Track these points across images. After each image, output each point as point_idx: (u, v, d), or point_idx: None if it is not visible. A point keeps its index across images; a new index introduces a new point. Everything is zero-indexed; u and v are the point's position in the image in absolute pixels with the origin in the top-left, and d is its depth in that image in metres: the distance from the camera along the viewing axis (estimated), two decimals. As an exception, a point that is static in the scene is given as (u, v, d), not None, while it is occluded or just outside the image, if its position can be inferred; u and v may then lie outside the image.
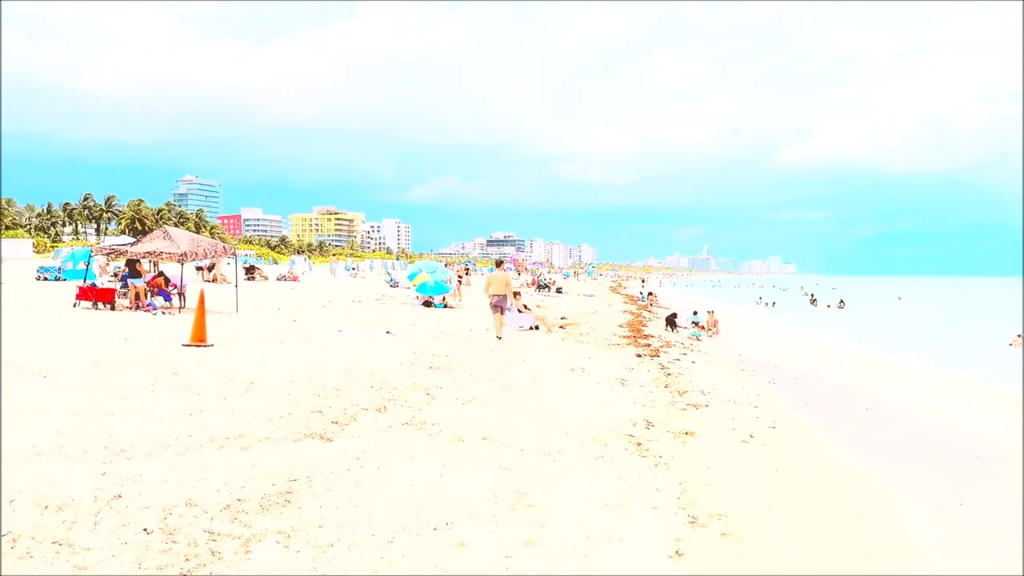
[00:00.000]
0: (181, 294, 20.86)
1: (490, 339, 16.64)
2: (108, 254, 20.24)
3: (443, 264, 54.04)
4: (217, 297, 23.47)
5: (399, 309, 25.80)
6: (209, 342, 12.47)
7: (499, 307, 16.49)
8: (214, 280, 36.22)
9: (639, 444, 7.71)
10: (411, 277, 35.94)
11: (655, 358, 15.84)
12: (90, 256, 22.43)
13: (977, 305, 65.45)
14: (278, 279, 43.87)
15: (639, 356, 15.81)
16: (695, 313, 29.27)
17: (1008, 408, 13.30)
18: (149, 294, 19.83)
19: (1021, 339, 25.00)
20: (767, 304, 51.96)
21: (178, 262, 19.00)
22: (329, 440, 6.85)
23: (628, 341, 19.15)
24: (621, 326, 24.72)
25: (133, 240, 20.04)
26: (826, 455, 8.27)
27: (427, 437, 7.31)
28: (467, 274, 63.10)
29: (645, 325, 25.91)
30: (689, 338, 23.37)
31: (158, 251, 18.88)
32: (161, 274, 21.17)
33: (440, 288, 28.96)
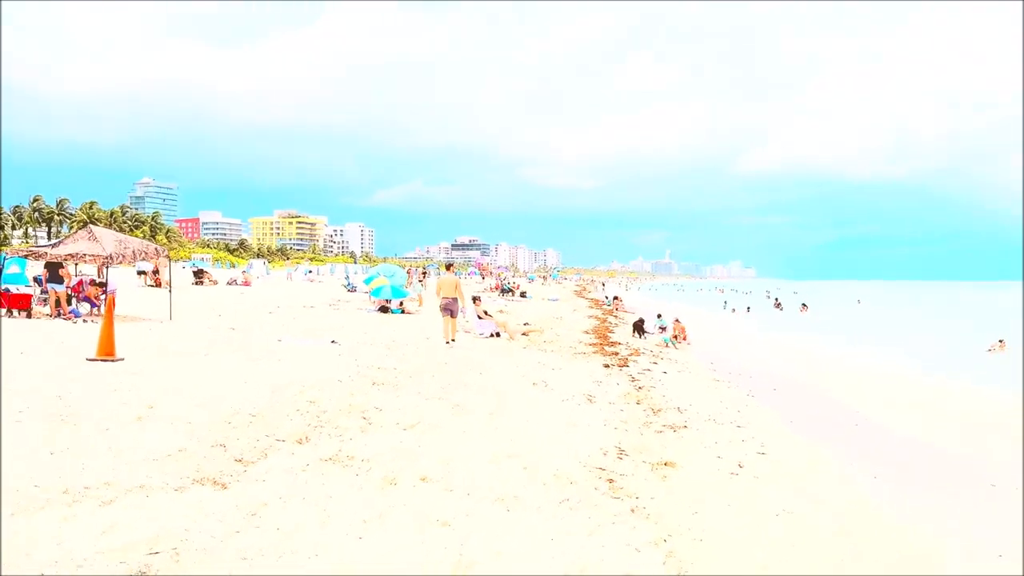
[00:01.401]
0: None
1: (445, 350, 15.27)
2: (26, 256, 18.43)
3: (404, 268, 52.58)
4: (155, 303, 21.74)
5: (352, 315, 24.27)
6: (119, 356, 10.90)
7: (449, 310, 16.23)
8: (158, 284, 34.22)
9: (611, 481, 6.42)
10: (367, 281, 34.49)
11: (624, 368, 14.62)
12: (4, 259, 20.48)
13: (937, 308, 65.82)
14: (228, 284, 41.91)
15: (607, 366, 14.58)
16: (659, 316, 28.20)
17: (1006, 424, 12.35)
18: (74, 300, 18.07)
19: (1002, 345, 24.42)
20: (734, 310, 51.36)
21: (103, 265, 17.26)
22: (223, 487, 5.43)
23: (595, 349, 17.92)
24: (587, 332, 23.52)
25: (54, 242, 18.20)
26: (832, 490, 7.06)
27: (352, 479, 5.92)
28: (425, 276, 61.39)
29: (612, 331, 24.75)
30: (659, 345, 22.27)
31: (81, 253, 17.14)
32: (93, 281, 19.39)
33: (397, 293, 27.51)
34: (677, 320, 24.06)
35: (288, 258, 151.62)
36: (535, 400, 10.14)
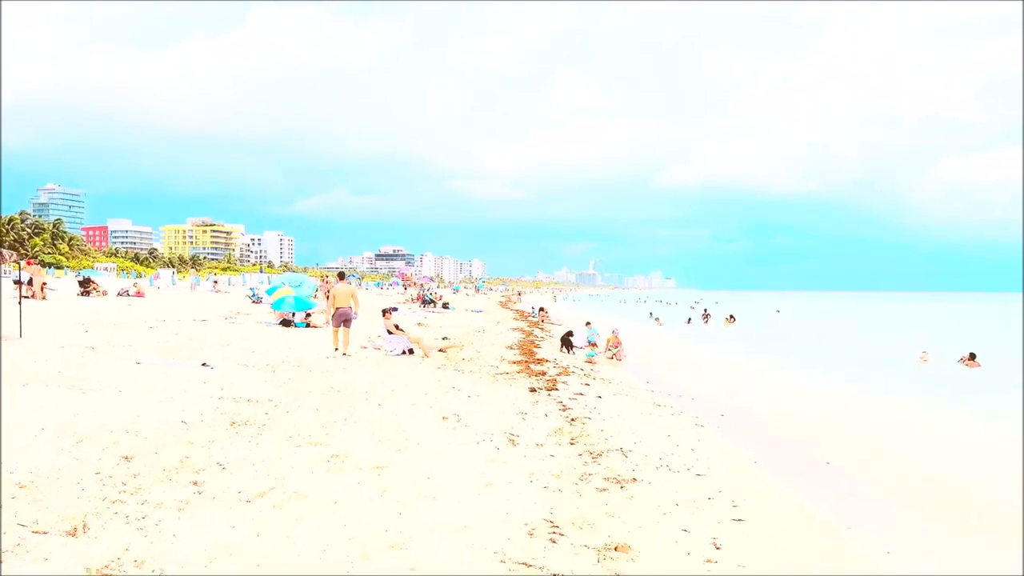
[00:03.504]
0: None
1: (341, 372, 12.92)
2: None
3: (323, 277, 49.38)
4: (14, 318, 18.42)
5: (248, 330, 21.51)
6: None
7: (344, 319, 15.93)
8: (32, 296, 30.39)
9: (542, 587, 4.30)
10: (270, 292, 31.41)
11: (553, 392, 12.57)
12: None
13: (856, 319, 66.80)
14: (119, 294, 38.04)
15: (533, 390, 12.48)
16: (589, 325, 26.38)
17: (981, 448, 10.88)
18: None
19: (925, 356, 23.67)
20: (658, 320, 50.32)
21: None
22: None
23: (519, 368, 15.82)
24: (511, 348, 21.43)
25: None
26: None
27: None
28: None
29: (538, 346, 22.74)
30: (587, 361, 20.38)
31: None
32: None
33: (301, 304, 24.79)
34: (615, 332, 22.22)
35: (199, 268, 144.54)
36: (443, 442, 7.93)
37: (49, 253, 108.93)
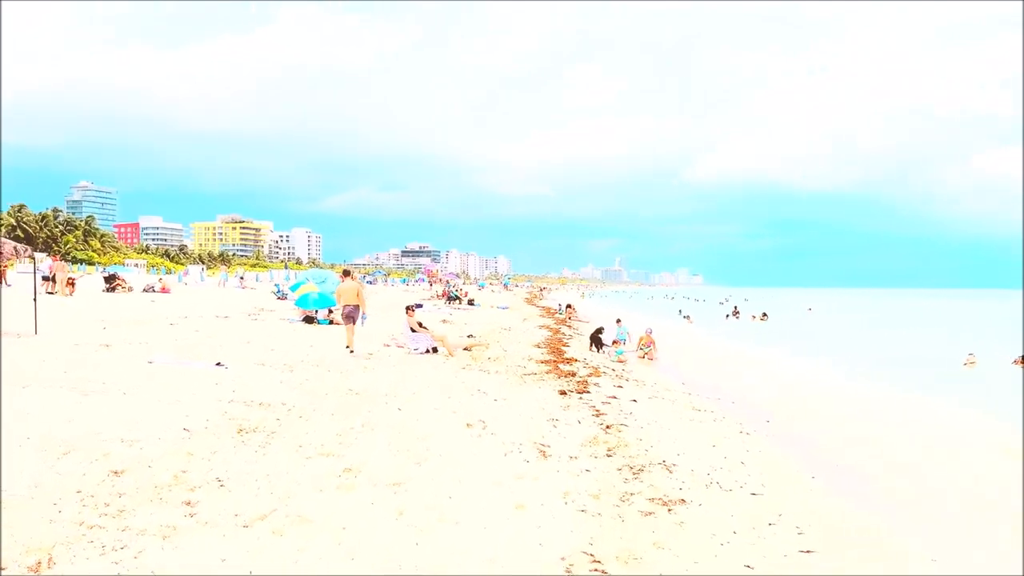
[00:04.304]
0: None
1: (361, 372, 12.27)
2: None
3: (340, 273, 49.02)
4: (33, 313, 18.01)
5: (271, 327, 21.00)
6: None
7: (350, 317, 15.77)
8: (54, 292, 30.23)
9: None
10: (294, 288, 31.07)
11: (583, 395, 11.80)
12: None
13: (887, 315, 65.05)
14: (144, 290, 37.91)
15: (563, 393, 11.72)
16: (619, 322, 25.55)
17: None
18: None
19: (974, 358, 22.50)
20: (687, 318, 49.18)
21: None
22: None
23: (548, 368, 15.06)
24: (538, 346, 20.67)
25: None
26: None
27: None
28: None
29: (566, 344, 21.94)
30: (618, 360, 19.58)
31: (-93, 252, 13.63)
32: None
33: (325, 301, 24.23)
34: (648, 331, 21.36)
35: (231, 264, 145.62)
36: (467, 453, 7.21)
37: (81, 250, 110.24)
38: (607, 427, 9.05)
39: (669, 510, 5.84)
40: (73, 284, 33.39)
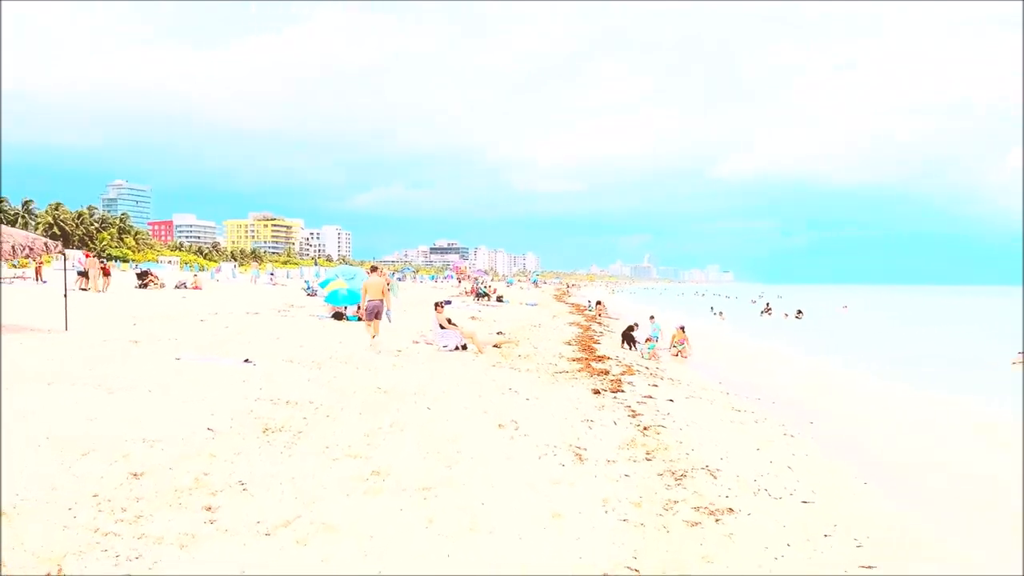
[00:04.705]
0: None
1: (389, 369, 12.03)
2: None
3: (368, 269, 48.94)
4: (70, 310, 18.03)
5: (300, 323, 20.91)
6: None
7: (375, 312, 15.64)
8: (85, 288, 30.52)
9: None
10: (323, 285, 31.01)
11: (618, 394, 11.43)
12: None
13: (926, 313, 63.53)
14: (176, 287, 38.23)
15: (597, 392, 11.36)
16: (652, 318, 25.09)
17: None
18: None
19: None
20: (721, 315, 48.36)
21: (-36, 262, 13.81)
22: None
23: (580, 367, 14.70)
24: (569, 343, 20.30)
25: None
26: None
27: None
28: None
29: (597, 342, 21.53)
30: (649, 356, 19.15)
31: (-60, 248, 13.65)
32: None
33: (355, 297, 24.05)
34: (680, 328, 20.90)
35: (262, 261, 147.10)
36: (500, 456, 6.90)
37: (116, 247, 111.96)
38: (644, 429, 8.67)
39: (716, 520, 5.47)
40: (109, 273, 33.75)
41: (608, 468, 6.68)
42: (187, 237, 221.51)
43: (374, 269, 18.22)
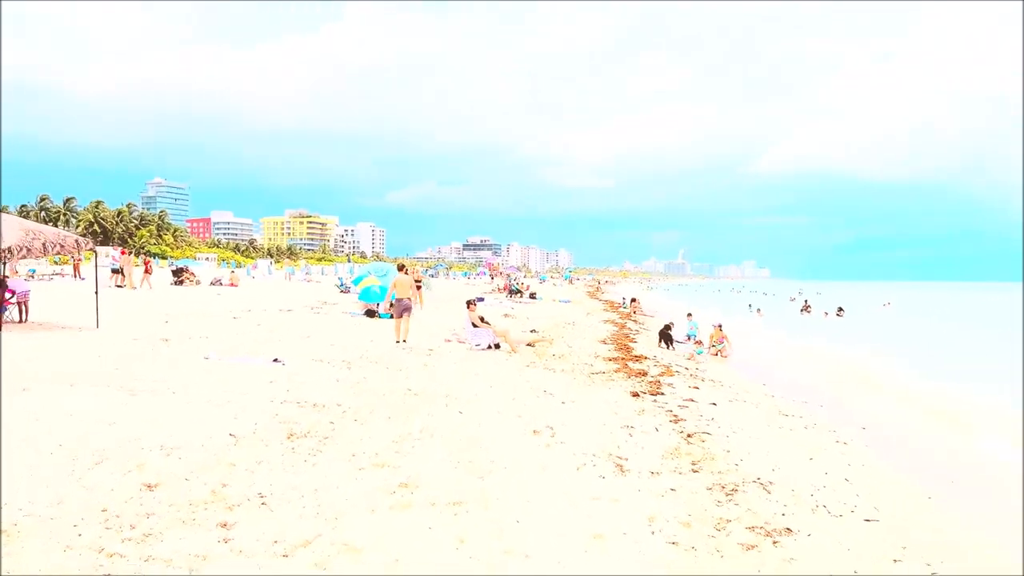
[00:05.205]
0: (21, 304, 15.69)
1: (419, 370, 11.68)
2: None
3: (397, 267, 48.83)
4: (104, 308, 18.05)
5: (332, 320, 20.73)
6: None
7: (404, 310, 15.77)
8: (121, 285, 30.78)
9: None
10: (356, 282, 30.90)
11: (657, 397, 10.94)
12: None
13: (969, 313, 61.55)
14: (211, 284, 38.46)
15: (636, 395, 10.88)
16: (689, 316, 24.46)
17: None
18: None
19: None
20: (759, 311, 47.35)
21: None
22: None
23: (617, 367, 14.22)
24: (604, 342, 19.80)
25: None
26: None
27: None
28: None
29: (634, 341, 20.99)
30: (690, 357, 18.57)
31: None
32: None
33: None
34: (719, 327, 20.27)
35: (297, 258, 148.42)
36: (535, 466, 6.47)
37: (155, 244, 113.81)
38: (688, 436, 8.18)
39: (774, 542, 4.99)
40: (151, 271, 34.07)
41: (652, 481, 6.22)
42: (224, 234, 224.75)
43: (401, 268, 18.28)
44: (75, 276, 39.42)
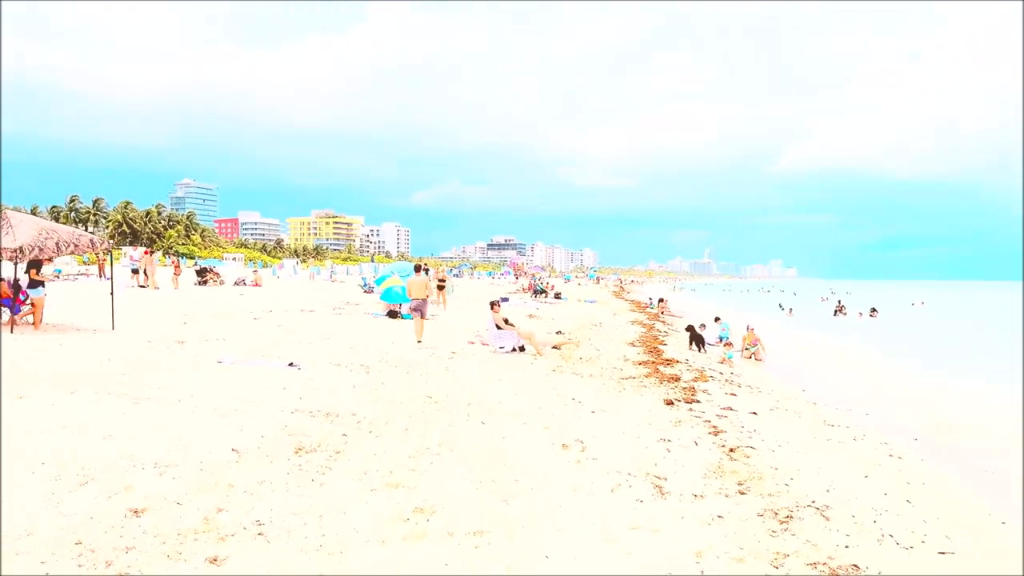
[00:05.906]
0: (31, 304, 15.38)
1: (439, 375, 11.12)
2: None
3: (438, 268, 48.43)
4: (121, 308, 17.66)
5: (354, 321, 20.29)
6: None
7: (419, 311, 15.71)
8: (145, 284, 30.62)
9: None
10: (378, 282, 30.39)
11: (693, 405, 10.27)
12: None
13: (1003, 313, 59.68)
14: (235, 284, 38.29)
15: (670, 403, 10.22)
16: (718, 319, 23.68)
17: None
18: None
19: None
20: (791, 311, 46.26)
21: (10, 260, 13.43)
22: None
23: (647, 371, 13.55)
24: (633, 344, 19.12)
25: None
26: None
27: None
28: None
29: (663, 343, 20.27)
30: (722, 360, 17.83)
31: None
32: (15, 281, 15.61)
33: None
34: (751, 329, 19.50)
35: (324, 257, 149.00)
36: (565, 487, 5.87)
37: (183, 244, 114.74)
38: (731, 450, 7.52)
39: (841, 583, 4.34)
40: (180, 272, 33.98)
41: (696, 506, 5.58)
42: (252, 234, 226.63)
43: (418, 269, 18.20)
44: (100, 276, 39.47)
